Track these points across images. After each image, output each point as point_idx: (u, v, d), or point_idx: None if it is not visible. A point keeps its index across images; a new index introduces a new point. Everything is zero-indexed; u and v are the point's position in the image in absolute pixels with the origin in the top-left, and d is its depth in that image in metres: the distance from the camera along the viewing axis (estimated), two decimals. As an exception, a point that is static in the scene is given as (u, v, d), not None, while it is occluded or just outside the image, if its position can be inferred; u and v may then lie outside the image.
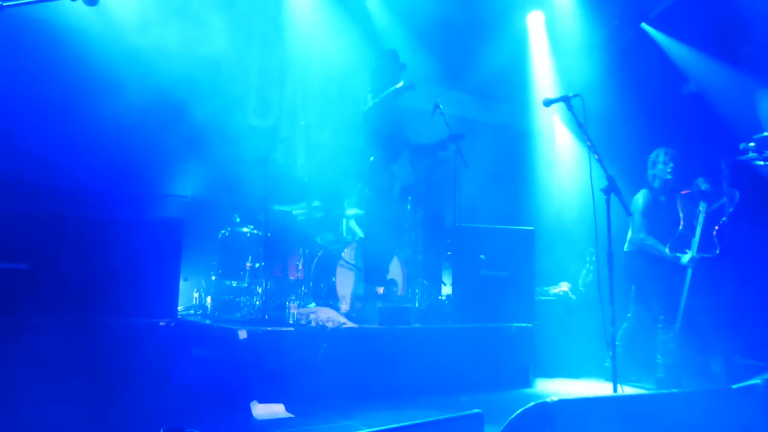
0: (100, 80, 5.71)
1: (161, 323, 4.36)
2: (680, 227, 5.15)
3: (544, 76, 8.16)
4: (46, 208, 4.25)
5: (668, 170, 5.24)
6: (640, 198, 5.30)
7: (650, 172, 5.38)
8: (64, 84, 5.61)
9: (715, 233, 5.09)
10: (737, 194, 5.05)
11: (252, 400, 3.96)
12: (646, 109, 7.37)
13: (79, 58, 5.66)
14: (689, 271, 5.00)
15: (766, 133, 5.62)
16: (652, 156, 5.37)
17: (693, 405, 2.09)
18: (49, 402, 3.78)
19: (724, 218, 5.04)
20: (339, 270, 5.44)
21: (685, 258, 5.01)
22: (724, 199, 5.21)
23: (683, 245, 5.11)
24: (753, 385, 2.45)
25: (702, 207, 5.05)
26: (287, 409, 3.96)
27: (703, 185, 5.06)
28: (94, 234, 4.26)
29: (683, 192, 5.31)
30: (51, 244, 4.10)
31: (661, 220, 5.21)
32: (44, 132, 5.56)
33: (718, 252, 5.04)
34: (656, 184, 5.33)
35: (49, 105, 5.59)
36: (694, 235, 5.03)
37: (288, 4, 7.27)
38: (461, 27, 7.87)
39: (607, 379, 5.27)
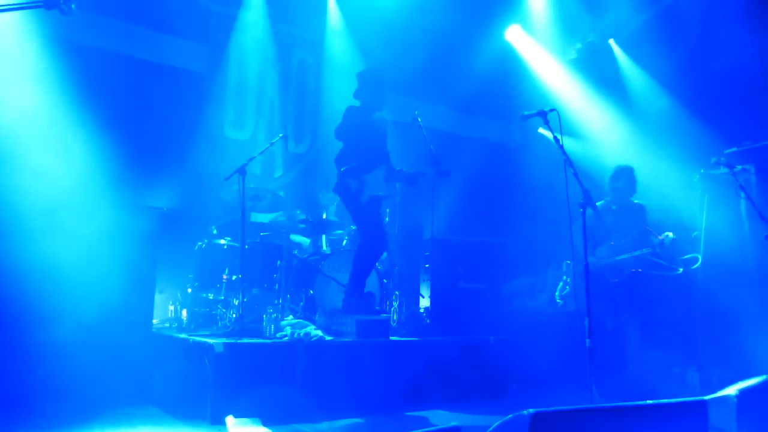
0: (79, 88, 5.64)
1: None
2: (604, 230, 5.29)
3: (523, 89, 8.26)
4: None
5: (632, 186, 5.45)
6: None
7: (612, 184, 5.50)
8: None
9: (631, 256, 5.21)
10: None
11: (228, 414, 3.91)
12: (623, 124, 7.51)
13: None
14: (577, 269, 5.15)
15: (735, 149, 5.77)
16: (617, 170, 5.49)
17: (668, 416, 2.11)
18: (27, 414, 3.71)
19: (644, 250, 5.14)
20: (317, 282, 5.41)
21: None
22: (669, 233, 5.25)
23: (599, 244, 5.31)
24: (726, 396, 2.48)
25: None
26: (263, 423, 3.92)
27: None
28: (67, 246, 4.19)
29: (636, 202, 5.53)
30: (22, 256, 4.04)
31: (607, 225, 5.33)
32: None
33: (615, 281, 5.20)
34: (614, 195, 5.50)
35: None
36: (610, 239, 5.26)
37: (267, 16, 7.27)
38: (442, 41, 7.93)
39: (582, 391, 5.30)
